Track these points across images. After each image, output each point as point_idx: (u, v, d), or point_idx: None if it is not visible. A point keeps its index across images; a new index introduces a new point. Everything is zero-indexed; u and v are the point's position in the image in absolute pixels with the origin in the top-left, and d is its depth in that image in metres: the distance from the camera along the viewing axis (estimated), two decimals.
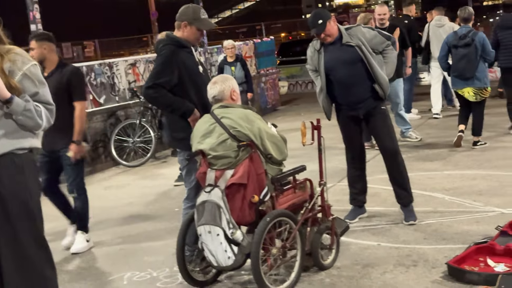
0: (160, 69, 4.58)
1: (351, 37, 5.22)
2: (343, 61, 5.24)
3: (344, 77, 5.30)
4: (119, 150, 9.52)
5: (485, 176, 6.98)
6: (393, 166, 5.52)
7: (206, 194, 4.14)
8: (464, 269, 4.17)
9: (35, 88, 3.13)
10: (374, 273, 4.42)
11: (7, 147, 3.09)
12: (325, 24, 5.14)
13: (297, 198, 4.50)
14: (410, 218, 5.44)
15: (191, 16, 4.64)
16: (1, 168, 3.11)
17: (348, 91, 5.36)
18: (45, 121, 3.16)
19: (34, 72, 3.16)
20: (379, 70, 5.26)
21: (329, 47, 5.31)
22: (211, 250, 4.11)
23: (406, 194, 5.51)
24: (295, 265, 4.31)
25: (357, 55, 5.20)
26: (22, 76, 3.09)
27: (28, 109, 3.03)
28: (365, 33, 5.30)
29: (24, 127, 3.13)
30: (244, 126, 4.15)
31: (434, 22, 10.99)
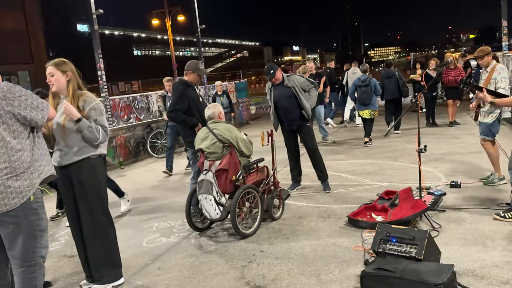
0: (176, 100, 5.38)
1: (289, 81, 6.17)
2: (284, 96, 6.19)
3: (284, 105, 6.25)
4: (152, 147, 10.98)
5: (371, 163, 8.04)
6: (314, 158, 6.46)
7: (204, 175, 4.92)
8: (357, 219, 4.92)
9: (96, 116, 3.70)
10: (304, 222, 5.20)
11: (86, 154, 3.69)
12: (275, 73, 6.13)
13: (259, 177, 5.30)
14: (326, 188, 6.43)
15: (193, 67, 5.52)
16: (82, 167, 3.69)
17: (287, 114, 6.30)
18: (101, 136, 3.70)
19: (97, 107, 3.71)
20: (305, 102, 6.17)
21: (277, 87, 6.25)
22: (207, 209, 4.86)
23: (323, 174, 6.46)
24: (257, 218, 5.09)
25: (292, 93, 6.14)
26: (90, 109, 3.66)
27: (91, 126, 3.60)
28: (298, 79, 6.25)
29: (87, 140, 3.62)
30: (226, 134, 4.93)
31: (350, 71, 12.97)
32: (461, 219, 4.90)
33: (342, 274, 3.81)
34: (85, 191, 3.73)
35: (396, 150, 8.96)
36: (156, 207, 6.56)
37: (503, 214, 4.69)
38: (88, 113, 3.66)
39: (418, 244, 3.57)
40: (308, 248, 4.46)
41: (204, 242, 4.92)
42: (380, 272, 3.36)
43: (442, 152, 8.42)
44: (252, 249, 4.56)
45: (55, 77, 3.64)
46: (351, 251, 4.28)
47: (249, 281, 3.85)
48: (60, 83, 3.66)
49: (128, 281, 4.08)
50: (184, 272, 4.16)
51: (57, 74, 3.65)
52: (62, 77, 3.66)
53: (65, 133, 3.64)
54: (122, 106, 10.83)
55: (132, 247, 4.98)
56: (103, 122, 3.75)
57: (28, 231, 3.07)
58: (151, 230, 5.52)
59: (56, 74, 3.65)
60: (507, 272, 3.62)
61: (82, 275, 4.08)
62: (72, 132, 3.63)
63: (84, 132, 3.61)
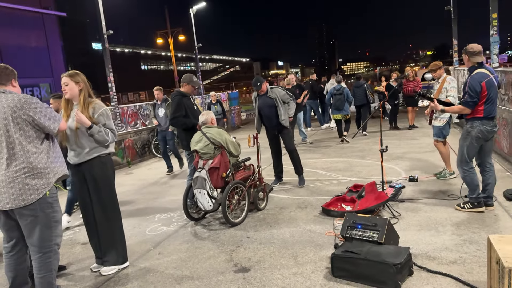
0: (175, 109, 5.33)
1: (272, 93, 6.16)
2: (267, 105, 6.19)
3: (267, 113, 6.24)
4: (156, 149, 10.91)
5: (342, 161, 8.05)
6: (293, 157, 6.42)
7: (198, 173, 4.90)
8: (330, 209, 4.94)
9: (105, 121, 3.68)
10: (285, 212, 5.22)
11: (97, 153, 3.68)
12: (261, 85, 6.12)
13: (246, 174, 5.29)
14: (301, 183, 6.41)
15: (188, 79, 5.49)
16: (94, 164, 3.68)
17: (269, 120, 6.29)
18: (111, 138, 3.69)
19: (105, 113, 3.69)
20: (282, 112, 6.11)
21: (262, 97, 6.24)
22: (201, 201, 4.85)
23: (300, 170, 6.44)
24: (245, 209, 5.09)
25: (273, 103, 6.13)
26: (98, 115, 3.66)
27: (100, 131, 3.60)
28: (280, 92, 6.21)
29: (98, 142, 3.64)
30: (217, 137, 4.92)
31: (329, 83, 13.41)
32: (417, 208, 4.93)
33: (316, 256, 3.83)
34: (98, 185, 3.73)
35: (364, 150, 8.99)
36: (158, 200, 6.51)
37: (463, 205, 4.71)
38: (97, 118, 3.65)
39: (379, 230, 3.59)
40: (287, 234, 4.47)
41: (198, 230, 4.91)
42: (348, 254, 3.37)
43: (402, 151, 8.48)
44: (240, 235, 4.56)
45: (69, 86, 3.63)
46: (324, 236, 4.30)
47: (237, 263, 3.84)
48: (73, 92, 3.64)
49: (133, 264, 4.05)
50: (181, 256, 4.14)
51: (71, 84, 3.63)
52: (75, 87, 3.64)
53: (77, 137, 3.62)
54: (130, 113, 10.76)
55: (137, 235, 4.94)
56: (111, 126, 3.74)
57: (44, 222, 3.08)
58: (153, 220, 5.49)
59: (70, 84, 3.63)
60: (455, 253, 3.65)
61: (93, 260, 4.06)
62: (84, 135, 3.62)
63: (95, 136, 3.61)
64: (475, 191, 4.59)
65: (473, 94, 4.31)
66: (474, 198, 4.62)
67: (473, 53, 4.40)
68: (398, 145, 9.14)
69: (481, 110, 4.39)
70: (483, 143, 4.53)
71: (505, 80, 7.22)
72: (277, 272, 3.59)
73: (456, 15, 16.15)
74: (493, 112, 4.44)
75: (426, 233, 4.15)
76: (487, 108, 4.38)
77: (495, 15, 8.54)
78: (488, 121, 4.41)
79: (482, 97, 4.33)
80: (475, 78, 4.34)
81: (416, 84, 11.03)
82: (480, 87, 4.29)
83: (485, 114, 4.39)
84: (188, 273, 3.73)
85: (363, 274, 3.25)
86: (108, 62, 10.31)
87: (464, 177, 4.63)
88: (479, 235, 3.98)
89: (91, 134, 3.59)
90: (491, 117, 4.42)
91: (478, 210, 4.60)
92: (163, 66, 75.57)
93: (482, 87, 4.29)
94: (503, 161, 6.94)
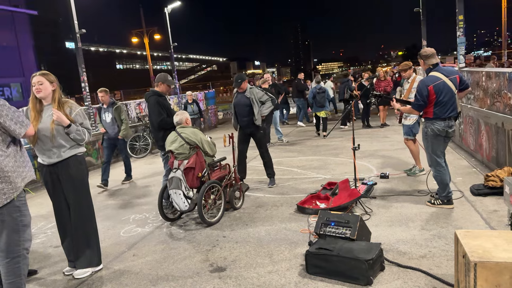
0: (158, 111, 5.22)
1: (249, 92, 6.11)
2: (243, 103, 6.12)
3: (241, 111, 6.17)
4: (131, 149, 10.60)
5: (317, 159, 8.10)
6: (265, 159, 6.35)
7: (173, 173, 4.83)
8: (305, 207, 4.96)
9: (82, 120, 3.68)
10: (261, 210, 5.21)
11: (74, 152, 3.65)
12: (242, 83, 6.09)
13: (222, 174, 5.26)
14: (272, 183, 6.34)
15: (163, 79, 5.40)
16: (71, 163, 3.62)
17: (242, 119, 6.18)
18: (87, 137, 3.69)
19: (81, 112, 3.69)
20: (257, 113, 6.04)
21: (240, 94, 6.18)
22: (176, 202, 4.79)
23: (271, 173, 6.37)
24: (221, 208, 5.03)
25: (249, 102, 6.07)
26: (75, 114, 3.64)
27: (78, 130, 3.60)
28: (258, 92, 6.14)
29: (75, 140, 3.62)
30: (192, 137, 4.88)
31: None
32: (388, 204, 5.02)
33: (291, 254, 3.83)
34: (74, 184, 3.67)
35: (338, 148, 9.08)
36: (133, 201, 6.39)
37: (433, 202, 4.81)
38: (74, 117, 3.62)
39: (352, 227, 3.63)
40: (263, 232, 4.46)
41: (174, 230, 4.84)
42: (321, 251, 3.39)
43: (374, 149, 8.61)
44: (216, 235, 4.52)
45: (44, 86, 3.55)
46: (298, 234, 4.31)
47: (213, 263, 3.81)
48: (47, 91, 3.57)
49: (107, 267, 3.96)
50: (156, 257, 4.08)
51: (46, 83, 3.56)
52: (49, 86, 3.57)
53: (53, 136, 3.54)
54: None
55: (111, 237, 4.83)
56: (87, 125, 3.73)
57: (11, 227, 2.98)
58: (128, 221, 5.39)
59: (45, 83, 3.56)
60: (425, 248, 3.73)
61: (65, 263, 3.95)
62: (60, 134, 3.56)
63: (73, 135, 3.59)
64: (445, 189, 4.71)
65: (419, 98, 4.50)
66: (444, 196, 4.73)
67: (427, 56, 4.61)
68: (370, 143, 9.27)
69: (431, 112, 4.55)
70: (443, 138, 4.63)
71: (471, 80, 7.43)
72: (253, 270, 3.58)
73: (424, 16, 16.54)
74: (445, 113, 4.53)
75: (397, 228, 4.23)
76: (436, 111, 4.53)
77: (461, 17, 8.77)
78: (440, 121, 4.55)
79: (431, 100, 4.49)
80: (423, 82, 4.52)
81: (387, 84, 11.24)
82: (427, 91, 4.46)
83: (435, 116, 4.54)
84: (163, 274, 3.68)
85: (336, 271, 3.27)
86: (81, 61, 10.05)
87: (436, 176, 4.75)
88: (447, 230, 4.08)
89: (68, 132, 3.55)
90: (442, 118, 4.54)
91: (448, 207, 4.72)
92: (139, 65, 74.38)
93: (429, 91, 4.45)
94: (470, 157, 7.14)
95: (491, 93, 6.24)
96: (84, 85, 10.02)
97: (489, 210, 4.51)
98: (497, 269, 2.25)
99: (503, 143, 5.62)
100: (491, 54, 22.75)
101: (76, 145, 3.68)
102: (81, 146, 3.74)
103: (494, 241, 2.50)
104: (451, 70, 4.73)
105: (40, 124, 3.53)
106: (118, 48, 69.43)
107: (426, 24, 16.41)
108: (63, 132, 3.56)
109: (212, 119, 17.50)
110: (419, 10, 16.66)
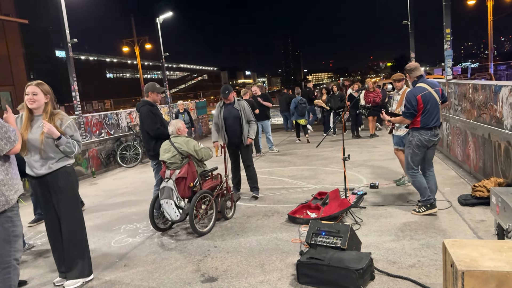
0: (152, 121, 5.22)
1: (238, 104, 6.15)
2: (232, 115, 6.11)
3: (231, 123, 6.13)
4: (122, 158, 10.65)
5: (308, 169, 8.14)
6: (250, 173, 6.31)
7: (165, 183, 4.81)
8: (295, 216, 4.97)
9: (72, 132, 3.64)
10: (252, 220, 5.22)
11: (62, 164, 3.62)
12: (229, 94, 6.11)
13: (213, 183, 5.24)
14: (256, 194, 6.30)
15: (151, 88, 5.40)
16: (60, 174, 3.60)
17: (233, 131, 6.14)
18: (77, 149, 3.64)
19: (72, 125, 3.65)
20: (245, 126, 6.05)
21: (227, 106, 6.17)
22: (168, 212, 4.76)
23: (256, 187, 6.34)
24: (212, 218, 5.05)
25: (239, 114, 6.08)
26: (66, 126, 3.61)
27: (68, 142, 3.56)
28: (246, 107, 6.17)
29: (65, 153, 3.58)
30: (185, 146, 4.88)
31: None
32: (378, 214, 5.07)
33: (282, 263, 3.84)
34: (64, 196, 3.64)
35: (328, 158, 9.15)
36: (124, 211, 6.35)
37: (418, 210, 4.91)
38: (65, 130, 3.60)
39: (342, 236, 3.65)
40: (254, 242, 4.46)
41: (165, 240, 4.82)
42: (312, 260, 3.41)
43: (364, 159, 8.69)
44: (207, 245, 4.51)
45: (38, 96, 3.52)
46: (290, 243, 4.33)
47: (204, 273, 3.81)
48: (41, 103, 3.53)
49: (97, 277, 3.93)
50: (147, 267, 4.06)
51: (40, 94, 3.53)
52: (43, 98, 3.54)
53: (43, 147, 3.51)
54: (94, 123, 10.44)
55: (102, 247, 4.80)
56: (77, 138, 3.70)
57: (3, 237, 2.94)
58: (119, 231, 5.36)
59: (39, 94, 3.53)
60: (414, 257, 3.78)
61: (56, 274, 3.91)
62: (49, 146, 3.53)
63: (63, 147, 3.55)
64: (425, 194, 4.84)
65: (409, 106, 4.69)
66: (425, 200, 4.85)
67: (411, 70, 4.88)
68: (360, 153, 9.35)
69: (418, 121, 4.74)
70: (426, 150, 4.82)
71: (458, 92, 7.58)
72: (244, 281, 3.58)
73: (412, 29, 16.85)
74: (431, 123, 4.74)
75: (387, 238, 4.28)
76: (423, 119, 4.72)
77: (448, 30, 8.97)
78: (426, 131, 4.73)
79: (418, 109, 4.70)
80: (412, 92, 4.76)
81: (376, 95, 11.37)
82: (416, 100, 4.67)
83: (422, 124, 4.72)
84: (154, 285, 3.67)
85: (327, 280, 3.29)
86: (72, 70, 10.02)
87: (413, 182, 4.90)
88: (435, 239, 4.14)
89: (58, 145, 3.52)
90: (429, 128, 4.74)
91: (432, 211, 4.83)
92: (129, 74, 74.16)
93: (418, 100, 4.67)
94: (458, 168, 7.26)
95: (477, 105, 6.38)
96: (74, 94, 10.00)
97: (477, 220, 4.59)
98: (484, 278, 2.30)
99: (490, 154, 5.74)
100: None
101: (65, 157, 3.64)
102: (70, 158, 3.71)
103: (481, 250, 2.56)
104: (434, 83, 4.94)
105: (29, 135, 3.50)
106: (108, 57, 69.20)
107: (414, 37, 16.72)
108: (53, 144, 3.53)
109: (203, 128, 17.50)
110: (407, 23, 16.98)
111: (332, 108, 12.76)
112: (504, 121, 5.22)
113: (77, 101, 10.10)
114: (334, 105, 12.67)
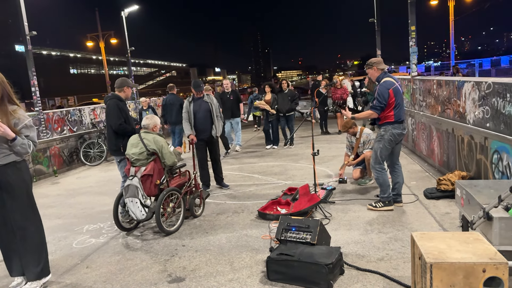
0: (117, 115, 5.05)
1: (208, 98, 6.14)
2: (203, 109, 6.10)
3: (201, 117, 6.10)
4: (85, 156, 10.27)
5: (278, 165, 8.15)
6: (217, 166, 6.44)
7: (130, 180, 4.64)
8: (266, 212, 4.95)
9: (28, 133, 3.42)
10: (222, 217, 5.15)
11: (12, 159, 3.37)
12: (202, 88, 6.11)
13: (181, 181, 5.12)
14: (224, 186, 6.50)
15: (126, 83, 5.28)
16: (9, 170, 3.36)
17: (204, 124, 6.12)
18: (31, 150, 3.43)
19: (29, 124, 3.43)
20: (215, 119, 6.12)
21: (197, 101, 6.13)
22: (133, 210, 4.59)
23: (221, 177, 6.50)
24: (180, 216, 4.91)
25: (209, 108, 6.08)
26: (22, 126, 3.39)
27: (23, 143, 3.36)
28: (215, 102, 6.20)
29: (18, 153, 3.38)
30: (153, 144, 4.72)
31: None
32: (347, 208, 5.09)
33: (252, 261, 3.78)
34: (15, 192, 3.39)
35: (298, 154, 9.16)
36: (87, 211, 6.11)
37: (375, 205, 4.96)
38: (20, 130, 3.36)
39: (312, 231, 3.63)
40: (224, 240, 4.38)
41: (131, 240, 4.65)
42: (282, 256, 3.37)
43: (333, 154, 8.75)
44: (174, 244, 4.38)
45: None
46: (260, 240, 4.28)
47: (171, 273, 3.69)
48: None
49: (57, 281, 3.73)
50: (111, 269, 3.89)
51: None
52: None
53: None
54: (56, 119, 9.99)
55: (63, 249, 4.58)
56: (33, 138, 3.47)
57: None
58: (81, 232, 5.15)
59: None
60: (382, 251, 3.80)
61: (10, 279, 3.67)
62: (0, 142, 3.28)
63: (17, 148, 3.32)
64: (386, 191, 4.90)
65: (381, 100, 4.71)
66: (385, 197, 4.91)
67: (378, 62, 4.91)
68: (329, 149, 9.42)
69: (392, 115, 4.77)
70: (394, 145, 4.88)
71: (423, 88, 7.75)
72: (213, 279, 3.49)
73: (379, 27, 17.16)
74: (402, 116, 4.82)
75: (355, 232, 4.29)
76: (396, 113, 4.77)
77: (413, 27, 9.16)
78: (398, 124, 4.80)
79: (391, 103, 4.72)
80: (383, 85, 4.75)
81: (343, 91, 11.50)
82: (388, 94, 4.70)
83: (395, 118, 4.77)
84: (118, 287, 3.51)
85: (297, 276, 3.26)
86: (31, 65, 9.54)
87: (377, 178, 4.93)
88: (403, 233, 4.19)
89: (13, 146, 3.30)
90: (400, 121, 4.81)
91: (388, 208, 4.90)
92: (94, 70, 72.01)
93: (390, 93, 4.70)
94: (423, 162, 7.43)
95: (442, 100, 6.54)
96: (34, 89, 9.52)
97: (442, 213, 4.69)
98: (451, 270, 2.31)
99: (454, 148, 5.89)
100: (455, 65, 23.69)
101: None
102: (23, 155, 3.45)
103: (448, 242, 2.58)
104: (396, 78, 4.99)
105: None
106: (72, 52, 66.95)
107: (380, 35, 17.04)
108: (4, 141, 3.30)
109: None
110: (374, 21, 17.28)
111: (280, 111, 9.97)
112: (467, 116, 5.36)
113: (37, 97, 9.65)
114: (283, 107, 9.95)
